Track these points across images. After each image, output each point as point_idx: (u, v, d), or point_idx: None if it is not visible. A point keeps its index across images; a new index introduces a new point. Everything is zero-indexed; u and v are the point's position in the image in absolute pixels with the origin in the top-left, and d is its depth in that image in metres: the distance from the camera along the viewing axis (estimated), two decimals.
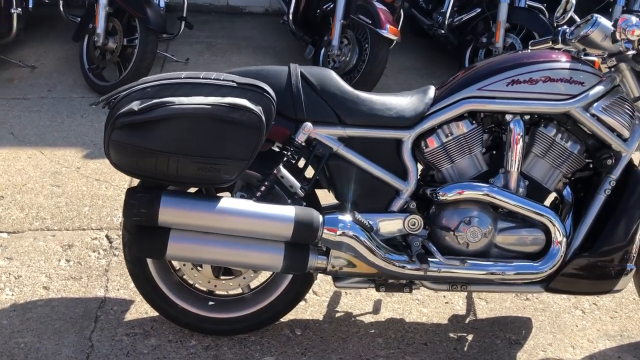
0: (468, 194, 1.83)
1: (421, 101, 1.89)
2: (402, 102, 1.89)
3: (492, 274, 1.84)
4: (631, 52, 1.84)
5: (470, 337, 2.12)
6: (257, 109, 1.60)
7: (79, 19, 3.98)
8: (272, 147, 1.86)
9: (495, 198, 1.83)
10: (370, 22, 3.70)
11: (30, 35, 4.63)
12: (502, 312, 2.25)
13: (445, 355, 2.02)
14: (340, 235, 1.73)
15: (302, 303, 2.20)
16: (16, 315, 2.05)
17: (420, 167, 1.92)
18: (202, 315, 1.96)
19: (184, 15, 4.17)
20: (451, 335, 2.12)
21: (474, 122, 1.89)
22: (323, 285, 2.29)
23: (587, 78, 1.87)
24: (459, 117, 1.88)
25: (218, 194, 1.81)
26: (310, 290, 2.25)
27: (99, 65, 3.83)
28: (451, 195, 1.84)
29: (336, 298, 2.25)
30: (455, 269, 1.82)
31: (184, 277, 1.97)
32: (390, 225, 1.87)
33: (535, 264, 1.86)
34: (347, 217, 1.76)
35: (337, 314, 2.18)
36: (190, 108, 1.56)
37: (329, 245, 1.77)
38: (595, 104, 1.86)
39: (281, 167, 1.76)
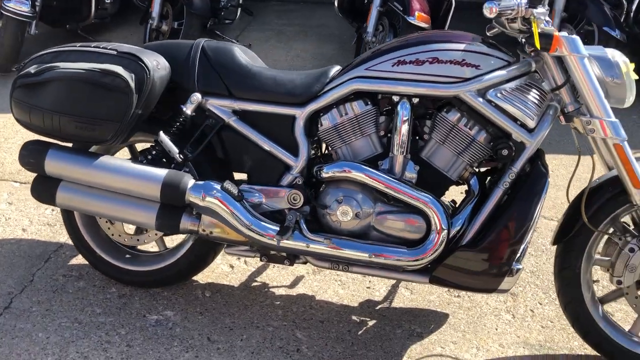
0: (344, 172, 1.82)
1: (317, 80, 1.90)
2: (297, 79, 1.92)
3: (361, 254, 1.81)
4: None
5: (371, 323, 2.08)
6: (128, 75, 1.75)
7: (145, 4, 4.40)
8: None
9: (370, 179, 1.80)
10: (402, 9, 3.64)
11: (121, 19, 5.17)
12: (422, 304, 2.18)
13: (335, 335, 2.02)
14: (204, 200, 1.82)
15: (228, 269, 2.33)
16: None
17: (311, 145, 1.93)
18: (116, 265, 2.15)
19: (240, 2, 4.42)
20: (353, 318, 2.10)
21: (368, 103, 1.86)
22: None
23: (485, 61, 1.75)
24: (354, 98, 1.87)
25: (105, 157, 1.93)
26: (242, 260, 2.37)
27: None
28: (329, 173, 1.84)
29: (262, 270, 2.33)
30: (319, 245, 1.82)
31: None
32: (274, 198, 1.92)
33: (409, 251, 1.79)
34: (217, 185, 1.84)
35: (254, 284, 2.26)
36: (69, 72, 1.76)
37: (197, 209, 1.86)
38: (491, 90, 1.74)
39: (161, 133, 1.88)
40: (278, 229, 1.83)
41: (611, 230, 1.83)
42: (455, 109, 1.79)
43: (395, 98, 1.81)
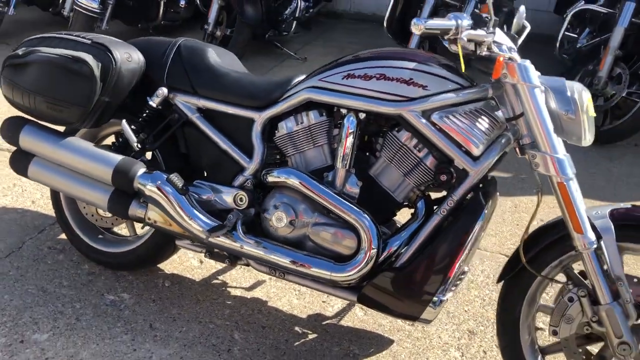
0: (284, 179, 1.82)
1: (279, 86, 1.92)
2: (261, 84, 1.95)
3: (286, 262, 1.80)
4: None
5: (311, 336, 2.05)
6: (95, 64, 1.86)
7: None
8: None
9: (306, 188, 1.79)
10: None
11: (193, 23, 5.38)
12: (371, 327, 2.12)
13: (271, 342, 2.01)
14: (148, 189, 1.89)
15: (196, 264, 2.39)
16: None
17: (270, 150, 1.95)
18: (89, 243, 2.28)
19: (297, 15, 4.54)
20: (296, 328, 2.09)
21: (323, 114, 1.86)
22: None
23: (434, 82, 1.69)
24: (310, 108, 1.87)
25: (68, 137, 2.05)
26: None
27: None
28: (272, 178, 1.85)
29: (227, 270, 2.37)
30: (250, 247, 1.83)
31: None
32: (223, 197, 1.95)
33: (334, 265, 1.76)
34: (164, 176, 1.90)
35: (214, 281, 2.30)
36: (46, 56, 1.90)
37: (144, 198, 1.93)
38: (437, 112, 1.68)
39: (124, 121, 1.97)
40: (214, 225, 1.87)
41: (557, 276, 1.69)
42: (405, 129, 1.75)
43: (343, 111, 1.80)
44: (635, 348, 1.56)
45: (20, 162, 2.06)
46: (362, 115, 1.77)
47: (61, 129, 2.11)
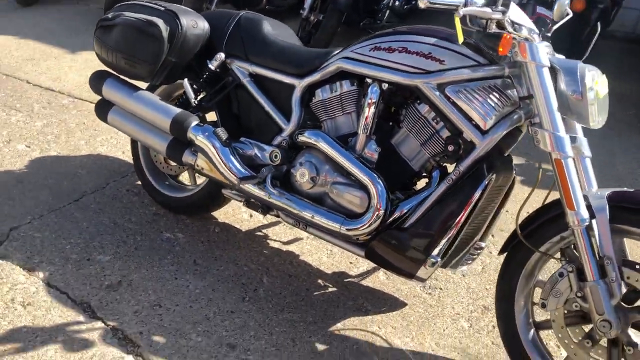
0: (311, 139, 2.01)
1: (319, 56, 2.11)
2: (304, 54, 2.15)
3: (305, 213, 1.99)
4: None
5: (330, 290, 2.23)
6: (164, 27, 2.16)
7: None
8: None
9: (328, 148, 1.96)
10: None
11: (296, 8, 5.58)
12: (389, 289, 2.25)
13: (293, 289, 2.22)
14: (197, 139, 2.15)
15: (246, 217, 2.65)
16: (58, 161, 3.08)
17: (303, 114, 2.14)
18: (157, 188, 2.62)
19: (392, 5, 4.65)
20: (319, 281, 2.27)
21: (354, 84, 2.02)
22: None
23: (451, 57, 1.80)
24: (343, 77, 2.04)
25: (142, 91, 2.35)
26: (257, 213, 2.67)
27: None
28: (302, 138, 2.05)
29: (272, 225, 2.61)
30: (274, 197, 2.04)
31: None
32: (261, 153, 2.18)
33: (345, 220, 1.92)
34: (211, 129, 2.16)
35: (258, 233, 2.55)
36: (127, 19, 2.23)
37: (195, 147, 2.20)
38: (451, 86, 1.79)
39: (185, 80, 2.25)
40: (247, 175, 2.10)
41: (551, 251, 1.74)
42: (422, 101, 1.87)
43: (369, 81, 1.95)
44: (617, 327, 1.58)
45: (102, 109, 2.43)
46: (385, 86, 1.92)
47: (141, 85, 2.46)
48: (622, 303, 1.64)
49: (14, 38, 4.90)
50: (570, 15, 1.96)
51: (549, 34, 1.89)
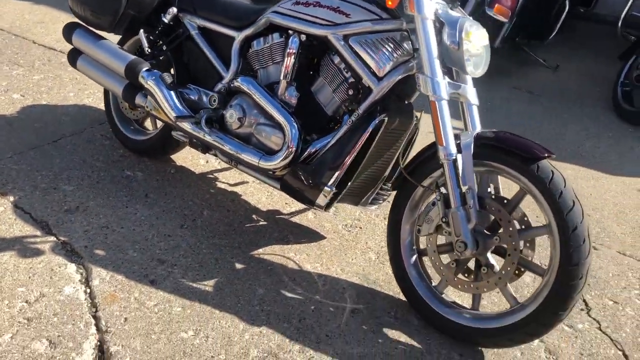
0: (240, 85, 2.27)
1: (257, 11, 2.35)
2: (244, 9, 2.40)
3: (230, 149, 2.25)
4: None
5: (262, 223, 2.50)
6: None
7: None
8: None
9: (252, 92, 2.22)
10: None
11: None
12: (312, 225, 2.52)
13: (228, 221, 2.49)
14: (146, 82, 2.43)
15: (202, 163, 2.93)
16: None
17: (241, 63, 2.40)
18: (124, 133, 2.92)
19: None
20: (253, 216, 2.54)
21: (282, 36, 2.27)
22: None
23: (356, 12, 2.03)
24: (273, 30, 2.28)
25: (105, 40, 2.64)
26: (218, 161, 2.93)
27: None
28: (234, 84, 2.31)
29: (224, 170, 2.88)
30: (207, 135, 2.31)
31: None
32: (203, 98, 2.44)
33: (263, 156, 2.18)
34: (158, 74, 2.43)
35: (210, 176, 2.82)
36: None
37: (145, 90, 2.48)
38: (354, 37, 2.02)
39: (141, 31, 2.53)
40: (185, 114, 2.37)
41: (433, 185, 1.97)
42: (332, 50, 2.10)
43: (290, 32, 2.19)
44: (471, 247, 1.81)
45: (72, 57, 2.73)
46: (303, 37, 2.16)
47: (112, 38, 2.74)
48: (485, 231, 1.86)
49: (28, 3, 5.27)
50: None
51: None
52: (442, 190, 1.90)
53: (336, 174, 2.02)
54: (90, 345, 1.86)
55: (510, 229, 1.80)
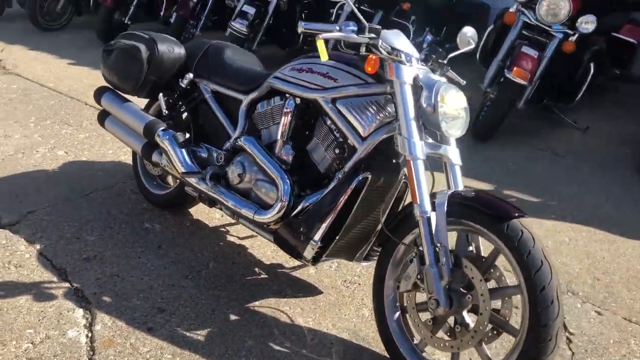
0: (242, 143, 2.42)
1: (263, 76, 2.53)
2: (253, 75, 2.57)
3: (229, 203, 2.38)
4: None
5: (262, 276, 2.58)
6: (145, 50, 2.67)
7: None
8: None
9: (251, 150, 2.36)
10: (508, 64, 3.77)
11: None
12: (311, 280, 2.58)
13: (231, 273, 2.59)
14: (161, 141, 2.62)
15: (217, 216, 3.07)
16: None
17: (247, 124, 2.55)
18: (147, 187, 3.11)
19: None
20: (255, 269, 2.63)
21: (282, 99, 2.42)
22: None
23: (344, 77, 2.15)
24: (275, 93, 2.44)
25: (129, 103, 2.88)
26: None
27: None
28: (238, 143, 2.46)
29: (236, 223, 3.00)
30: (210, 189, 2.45)
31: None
32: (211, 155, 2.61)
33: (258, 210, 2.29)
34: (172, 133, 2.61)
35: (222, 229, 2.95)
36: (122, 44, 2.78)
37: (160, 148, 2.66)
38: (341, 100, 2.14)
39: (160, 95, 2.74)
40: (192, 170, 2.53)
41: (408, 240, 2.01)
42: (322, 112, 2.23)
43: (287, 96, 2.34)
44: (444, 305, 1.83)
45: (102, 117, 2.98)
46: (297, 100, 2.30)
47: (138, 101, 2.99)
48: (461, 289, 1.88)
49: (87, 68, 5.74)
50: (473, 46, 2.27)
51: (444, 60, 2.19)
52: (417, 244, 1.94)
53: (321, 228, 2.10)
54: None
55: (482, 287, 1.81)
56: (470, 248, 1.97)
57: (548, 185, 3.56)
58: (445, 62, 2.20)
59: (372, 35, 1.99)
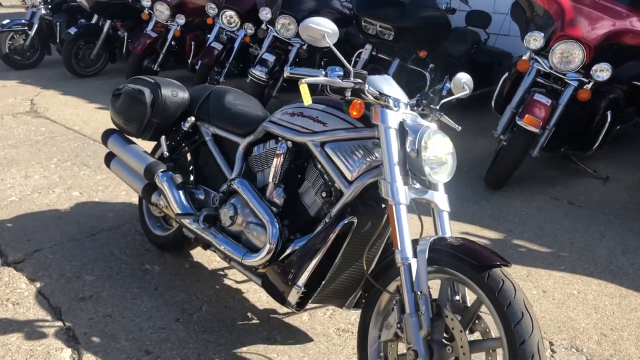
0: (235, 186, 2.42)
1: (259, 120, 2.55)
2: (251, 118, 2.59)
3: (220, 245, 2.37)
4: None
5: (254, 322, 2.54)
6: (149, 94, 2.74)
7: None
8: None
9: (243, 193, 2.36)
10: (520, 110, 3.72)
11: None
12: (304, 327, 2.51)
13: (223, 317, 2.56)
14: (159, 182, 2.64)
15: (218, 259, 3.06)
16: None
17: (244, 166, 2.56)
18: (150, 228, 3.13)
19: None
20: (248, 314, 2.59)
21: (276, 143, 2.42)
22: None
23: (333, 121, 2.15)
24: (271, 137, 2.45)
25: (133, 145, 2.94)
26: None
27: None
28: (232, 185, 2.46)
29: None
30: (203, 231, 2.44)
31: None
32: (207, 197, 2.62)
33: (247, 252, 2.28)
34: (169, 175, 2.64)
35: (220, 272, 2.93)
36: (127, 88, 2.86)
37: (159, 189, 2.69)
38: (329, 143, 2.13)
39: (162, 138, 2.79)
40: (186, 212, 2.54)
41: (392, 288, 1.94)
42: (312, 156, 2.22)
43: (280, 139, 2.34)
44: (423, 356, 1.75)
45: (108, 159, 3.05)
46: (289, 143, 2.30)
47: (144, 144, 3.04)
48: (443, 340, 1.80)
49: None
50: (468, 92, 2.25)
51: (437, 106, 2.18)
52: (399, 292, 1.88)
53: (305, 273, 2.06)
54: None
55: (462, 339, 1.73)
56: (457, 298, 1.90)
57: (561, 235, 3.44)
58: (437, 107, 2.18)
59: (358, 80, 2.00)
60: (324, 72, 2.01)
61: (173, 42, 6.69)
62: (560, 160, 4.60)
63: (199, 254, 3.10)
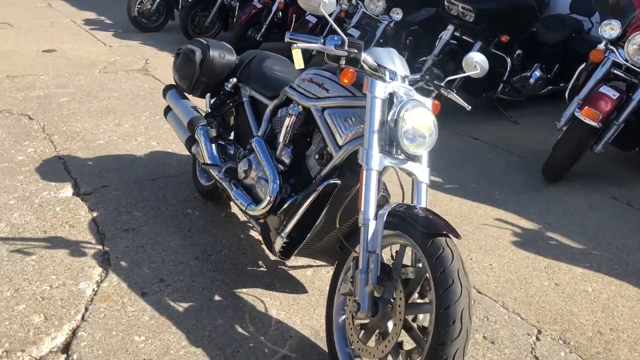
0: (253, 144, 2.63)
1: (285, 85, 2.73)
2: (280, 83, 2.78)
3: (232, 194, 2.60)
4: None
5: (259, 268, 2.76)
6: (199, 54, 3.02)
7: None
8: None
9: (256, 149, 2.57)
10: (580, 103, 3.55)
11: None
12: (304, 281, 2.70)
13: (239, 269, 2.81)
14: (197, 135, 2.92)
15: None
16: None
17: (270, 126, 2.76)
18: (199, 179, 3.45)
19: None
20: (259, 262, 2.81)
21: (295, 107, 2.60)
22: None
23: (335, 89, 2.29)
24: (291, 101, 2.63)
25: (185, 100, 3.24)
26: None
27: None
28: (250, 142, 2.68)
29: None
30: (221, 181, 2.69)
31: None
32: (237, 152, 2.86)
33: (251, 203, 2.50)
34: (205, 128, 2.91)
35: (249, 224, 3.18)
36: (184, 48, 3.16)
37: (197, 141, 2.97)
38: (329, 109, 2.27)
39: (207, 95, 3.06)
40: (213, 163, 2.80)
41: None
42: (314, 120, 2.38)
43: (294, 103, 2.51)
44: (365, 310, 1.87)
45: (166, 111, 3.39)
46: (300, 107, 2.46)
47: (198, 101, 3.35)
48: (391, 300, 1.90)
49: None
50: (478, 71, 2.28)
51: (442, 83, 2.24)
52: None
53: (289, 225, 2.25)
54: (69, 326, 2.32)
55: (400, 299, 1.83)
56: (420, 265, 1.98)
57: (601, 234, 3.29)
58: (442, 84, 2.24)
59: (353, 50, 2.11)
60: (322, 40, 2.14)
61: (278, 14, 7.01)
62: (635, 160, 4.32)
63: (235, 207, 3.37)
